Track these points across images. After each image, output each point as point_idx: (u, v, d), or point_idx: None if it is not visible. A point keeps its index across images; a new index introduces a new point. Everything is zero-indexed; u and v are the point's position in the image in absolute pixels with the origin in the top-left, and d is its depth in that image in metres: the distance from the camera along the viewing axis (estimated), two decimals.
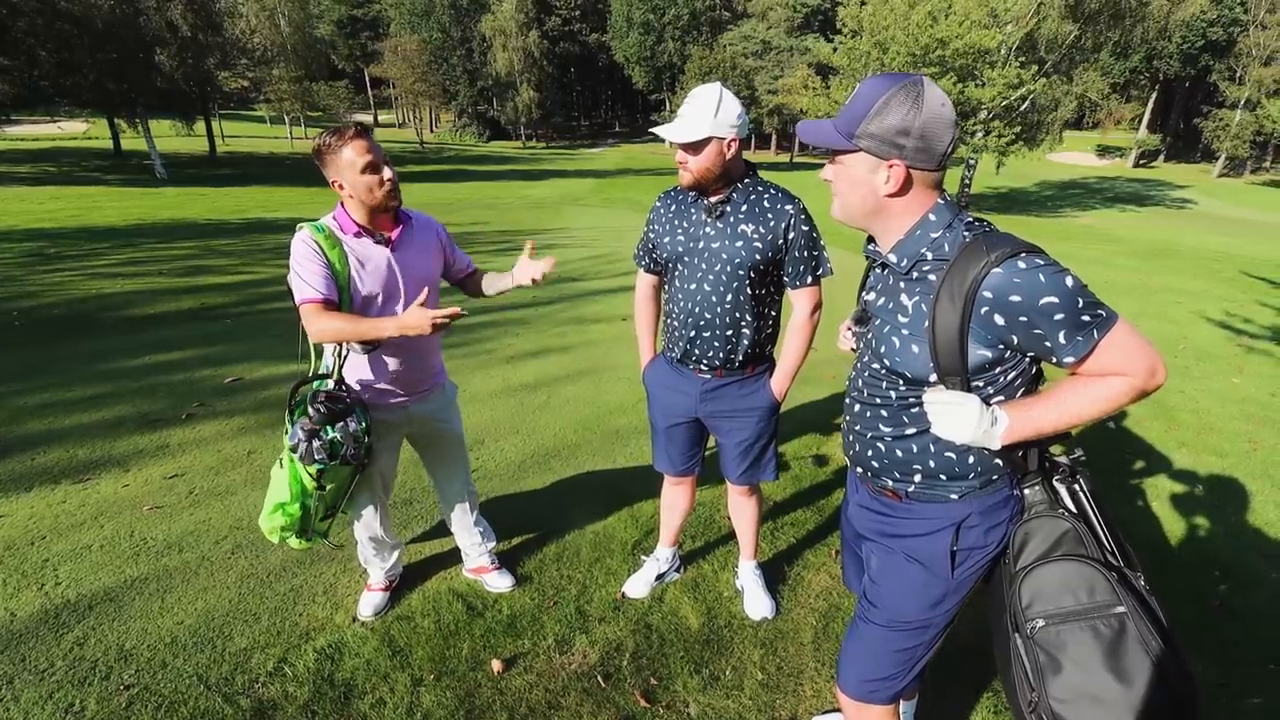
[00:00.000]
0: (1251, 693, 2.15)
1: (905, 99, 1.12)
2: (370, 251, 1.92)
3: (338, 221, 1.90)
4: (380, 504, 2.25)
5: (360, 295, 1.91)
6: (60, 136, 35.07)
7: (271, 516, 1.95)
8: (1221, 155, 42.85)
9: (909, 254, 1.21)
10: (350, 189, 1.84)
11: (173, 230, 11.14)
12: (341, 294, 1.86)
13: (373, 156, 1.82)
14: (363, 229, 1.90)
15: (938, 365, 1.17)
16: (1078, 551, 1.18)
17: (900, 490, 1.34)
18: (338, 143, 1.80)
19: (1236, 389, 5.01)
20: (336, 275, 1.84)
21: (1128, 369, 1.10)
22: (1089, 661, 1.11)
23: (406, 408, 2.14)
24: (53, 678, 2.05)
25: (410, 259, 2.00)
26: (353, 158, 1.80)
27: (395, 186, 1.89)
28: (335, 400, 1.89)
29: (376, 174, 1.83)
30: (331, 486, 1.96)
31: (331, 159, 1.81)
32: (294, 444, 1.86)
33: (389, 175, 1.85)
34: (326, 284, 1.82)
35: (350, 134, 1.81)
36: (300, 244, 1.83)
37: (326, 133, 1.82)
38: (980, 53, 20.33)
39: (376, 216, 1.92)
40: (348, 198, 1.87)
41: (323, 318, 1.81)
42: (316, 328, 1.82)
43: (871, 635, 1.39)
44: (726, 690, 2.10)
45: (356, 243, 1.90)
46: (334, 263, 1.84)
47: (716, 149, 1.78)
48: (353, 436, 1.91)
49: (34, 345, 5.00)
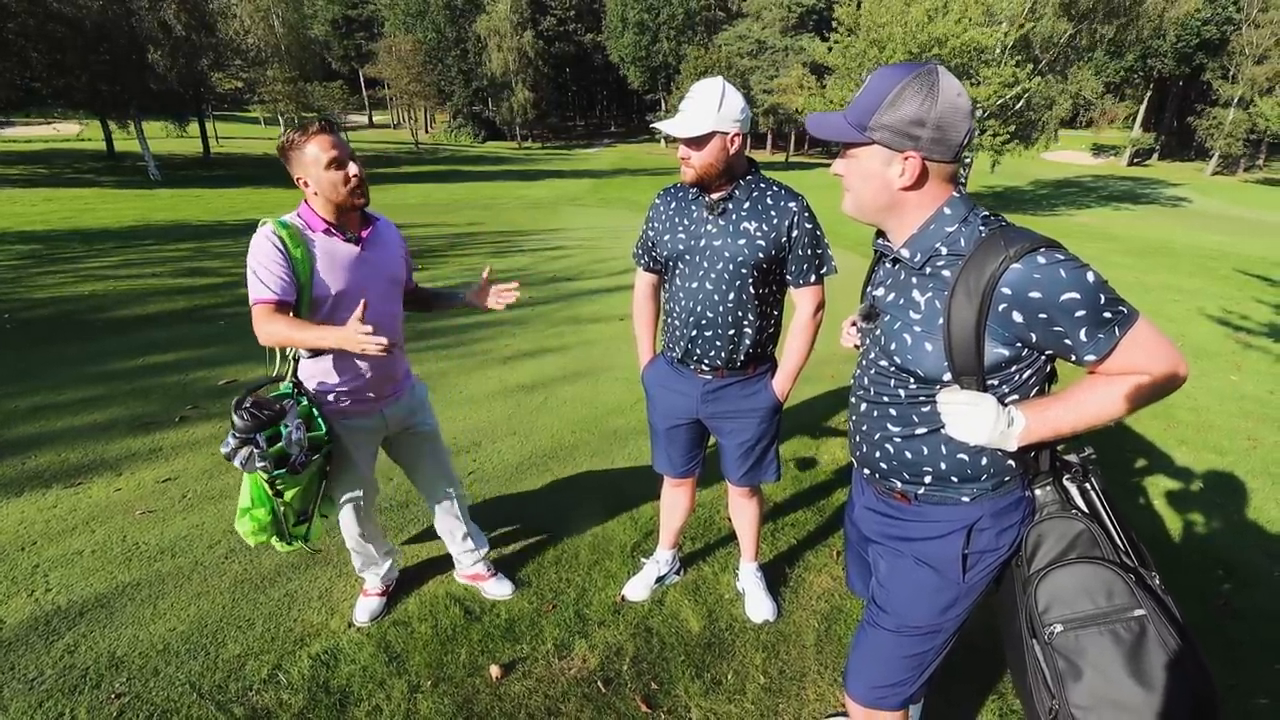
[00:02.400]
0: (1259, 693, 2.13)
1: (920, 89, 1.08)
2: (339, 249, 1.86)
3: (304, 219, 1.83)
4: (364, 510, 2.18)
5: (323, 293, 1.83)
6: (54, 138, 34.87)
7: (241, 521, 1.89)
8: (1215, 153, 42.99)
9: (923, 248, 1.18)
10: (315, 186, 1.78)
11: (166, 232, 11.07)
12: (302, 291, 1.79)
13: (337, 152, 1.76)
14: (332, 226, 1.84)
15: (953, 364, 1.14)
16: (1093, 554, 1.15)
17: (909, 493, 1.30)
18: (301, 139, 1.75)
19: (1235, 386, 5.00)
20: (299, 274, 1.77)
21: (1150, 367, 1.07)
22: (1110, 667, 1.08)
23: (381, 411, 2.08)
24: (42, 686, 2.01)
25: (380, 258, 1.96)
26: (317, 153, 1.75)
27: (362, 183, 1.83)
28: (261, 407, 1.77)
29: (342, 169, 1.78)
30: (293, 492, 1.87)
31: (296, 155, 1.76)
32: (226, 452, 1.77)
33: (355, 171, 1.80)
34: (283, 285, 1.75)
35: (314, 129, 1.75)
36: (262, 240, 1.75)
37: (290, 129, 1.78)
38: (976, 51, 20.38)
39: (344, 215, 1.86)
40: (313, 195, 1.81)
41: (271, 320, 1.73)
42: (264, 330, 1.74)
43: (881, 641, 1.36)
44: (728, 694, 2.07)
45: (325, 240, 1.84)
46: (297, 260, 1.77)
47: (720, 144, 1.74)
48: (299, 444, 1.82)
49: (25, 348, 4.95)
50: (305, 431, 1.85)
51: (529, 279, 7.82)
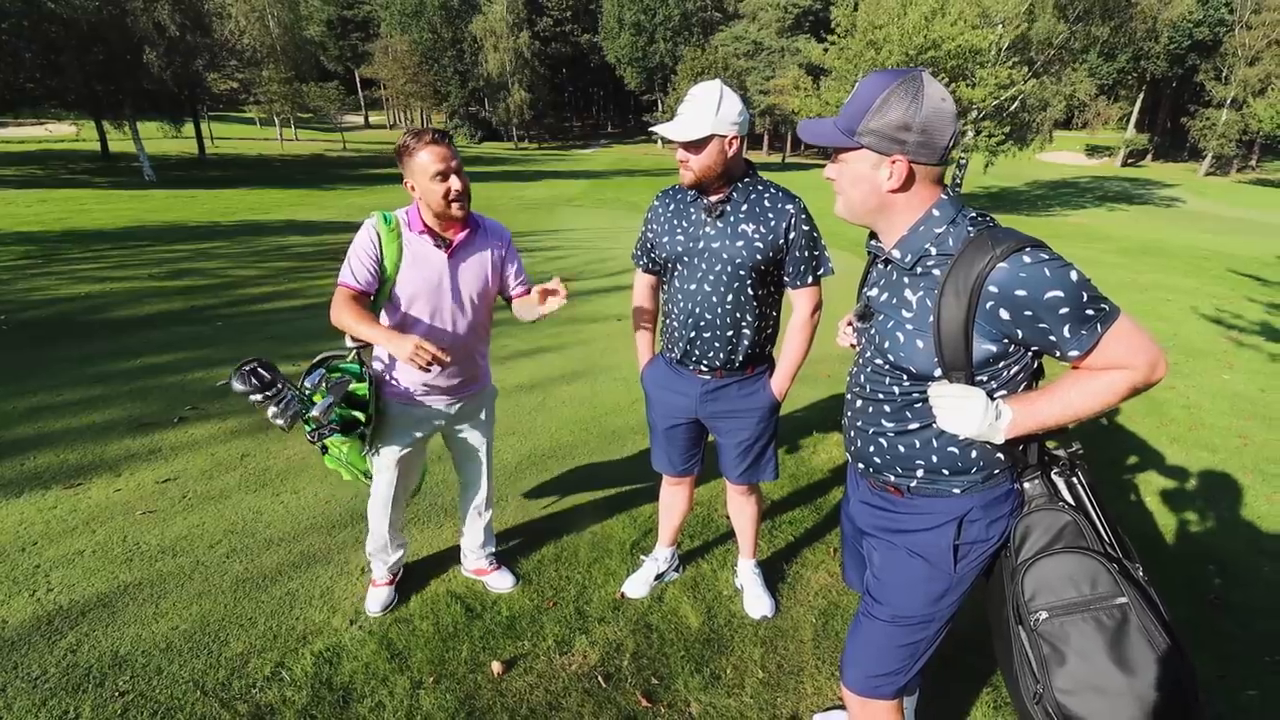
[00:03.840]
0: (1249, 685, 2.17)
1: (905, 94, 1.12)
2: (428, 253, 1.95)
3: (408, 216, 1.94)
4: (398, 496, 2.25)
5: (403, 291, 1.94)
6: (47, 139, 34.71)
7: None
8: (1208, 154, 43.20)
9: (913, 249, 1.21)
10: (420, 193, 1.88)
11: (162, 233, 11.04)
12: (385, 284, 1.91)
13: (444, 165, 1.84)
14: (427, 229, 1.94)
15: (942, 360, 1.17)
16: (1079, 544, 1.19)
17: (902, 485, 1.34)
18: (415, 145, 1.84)
19: (1227, 385, 5.05)
20: (386, 266, 1.90)
21: (1130, 362, 1.11)
22: (1092, 652, 1.12)
23: (450, 405, 2.16)
24: (46, 685, 2.02)
25: (464, 269, 2.02)
26: (426, 162, 1.83)
27: (463, 196, 1.90)
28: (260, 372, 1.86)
29: (445, 182, 1.86)
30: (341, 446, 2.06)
31: (408, 160, 1.85)
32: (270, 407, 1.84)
33: (458, 186, 1.88)
34: (368, 276, 1.88)
35: (428, 138, 1.84)
36: (363, 230, 1.91)
37: (407, 133, 1.87)
38: (972, 53, 20.47)
39: (444, 221, 1.95)
40: (418, 199, 1.91)
41: (342, 305, 1.85)
42: (334, 311, 1.87)
43: (876, 631, 1.39)
44: (727, 689, 2.09)
45: (418, 240, 1.94)
46: (388, 254, 1.89)
47: (718, 147, 1.77)
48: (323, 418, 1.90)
49: (23, 349, 4.94)
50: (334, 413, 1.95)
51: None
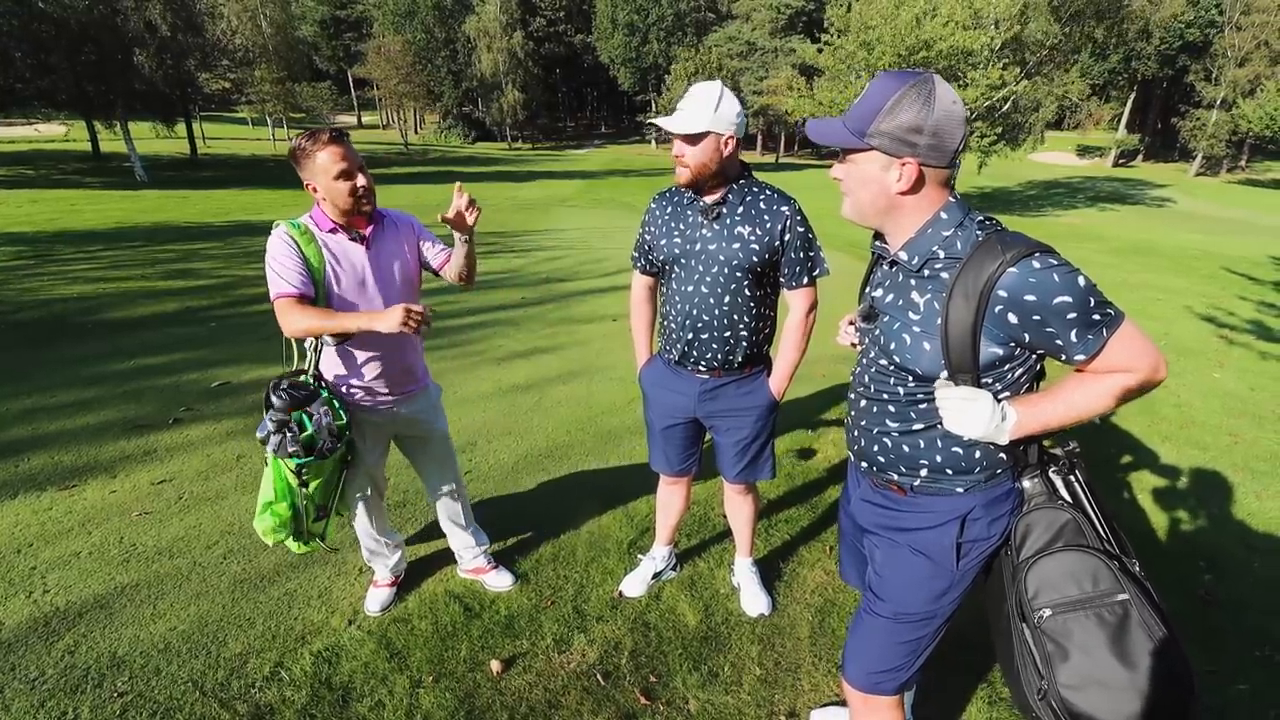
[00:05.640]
0: (1240, 679, 2.19)
1: (917, 97, 1.13)
2: (347, 248, 1.93)
3: (314, 220, 1.91)
4: (373, 505, 2.25)
5: (336, 291, 1.91)
6: (38, 139, 34.43)
7: (261, 517, 1.93)
8: (1198, 154, 43.54)
9: (920, 251, 1.22)
10: (324, 192, 1.85)
11: (154, 233, 10.98)
12: (318, 289, 1.86)
13: (346, 164, 1.81)
14: (338, 226, 1.91)
15: (949, 362, 1.18)
16: (1079, 541, 1.20)
17: (906, 484, 1.35)
18: (312, 147, 1.80)
19: (1217, 383, 5.09)
20: (313, 271, 1.85)
21: (1133, 365, 1.13)
22: (1095, 648, 1.13)
23: (392, 409, 2.14)
24: (44, 686, 2.02)
25: (386, 255, 2.01)
26: (326, 163, 1.80)
27: (368, 193, 1.88)
28: (298, 387, 1.88)
29: (350, 180, 1.83)
30: (316, 484, 1.94)
31: (306, 162, 1.82)
32: (263, 436, 1.85)
33: (362, 183, 1.86)
34: (301, 279, 1.82)
35: (325, 139, 1.80)
36: (276, 240, 1.84)
37: (302, 135, 1.83)
38: (964, 54, 20.54)
39: (351, 218, 1.93)
40: (321, 200, 1.88)
41: (295, 312, 1.80)
42: (289, 322, 1.81)
43: (877, 628, 1.40)
44: (725, 686, 2.11)
45: (333, 239, 1.91)
46: (310, 258, 1.84)
47: (714, 144, 1.78)
48: (328, 429, 1.89)
49: (16, 350, 4.91)
50: (330, 418, 1.92)
51: (522, 280, 7.84)
